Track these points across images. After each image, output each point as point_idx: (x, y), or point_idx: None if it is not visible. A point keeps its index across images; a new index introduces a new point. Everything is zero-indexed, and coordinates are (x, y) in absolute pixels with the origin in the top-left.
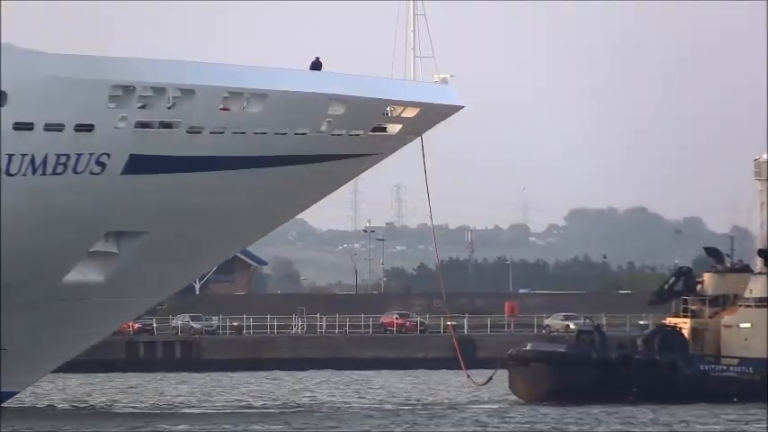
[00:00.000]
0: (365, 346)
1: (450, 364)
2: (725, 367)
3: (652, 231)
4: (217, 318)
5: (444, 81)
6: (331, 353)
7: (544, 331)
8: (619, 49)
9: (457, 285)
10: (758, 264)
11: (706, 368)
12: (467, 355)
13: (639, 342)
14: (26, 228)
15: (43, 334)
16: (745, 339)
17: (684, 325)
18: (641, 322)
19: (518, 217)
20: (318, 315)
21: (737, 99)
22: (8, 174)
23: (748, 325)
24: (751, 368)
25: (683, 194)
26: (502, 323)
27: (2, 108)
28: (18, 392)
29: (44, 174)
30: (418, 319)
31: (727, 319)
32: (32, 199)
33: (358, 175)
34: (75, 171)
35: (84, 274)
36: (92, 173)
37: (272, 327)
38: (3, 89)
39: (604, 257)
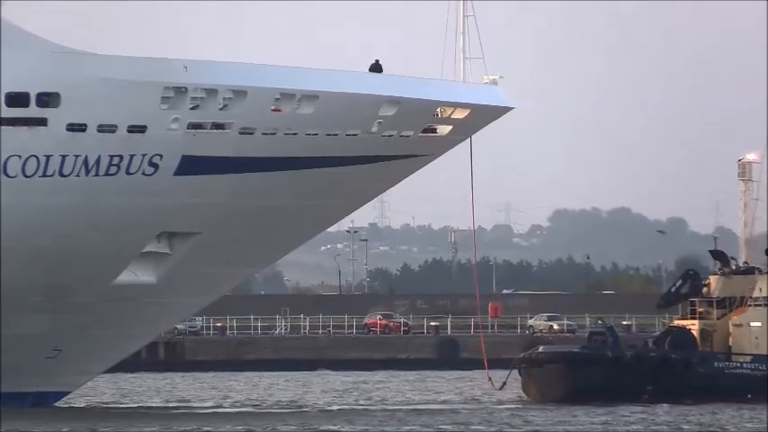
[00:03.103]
0: (349, 347)
1: (432, 365)
2: (738, 364)
3: (636, 232)
4: (200, 318)
5: (494, 82)
6: (314, 354)
7: (527, 332)
8: (612, 50)
9: (440, 286)
10: (743, 259)
11: (720, 365)
12: (450, 357)
13: (650, 342)
14: (79, 228)
15: (94, 335)
16: (756, 338)
17: (693, 327)
18: (624, 323)
19: (501, 217)
20: (302, 316)
21: (724, 100)
22: (62, 175)
23: (759, 324)
24: (764, 365)
25: (667, 195)
26: (485, 324)
27: (55, 109)
28: (69, 393)
29: (97, 175)
30: (402, 319)
31: (736, 318)
32: (85, 199)
33: (408, 176)
34: (127, 172)
35: (136, 275)
36: (144, 174)
37: (255, 327)
38: (56, 90)
39: (588, 258)
